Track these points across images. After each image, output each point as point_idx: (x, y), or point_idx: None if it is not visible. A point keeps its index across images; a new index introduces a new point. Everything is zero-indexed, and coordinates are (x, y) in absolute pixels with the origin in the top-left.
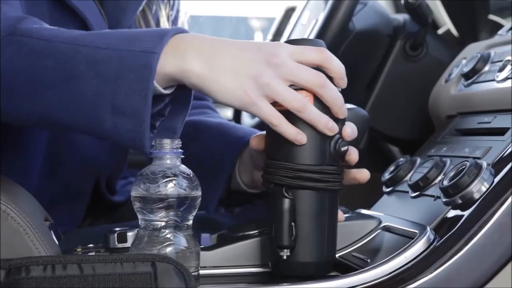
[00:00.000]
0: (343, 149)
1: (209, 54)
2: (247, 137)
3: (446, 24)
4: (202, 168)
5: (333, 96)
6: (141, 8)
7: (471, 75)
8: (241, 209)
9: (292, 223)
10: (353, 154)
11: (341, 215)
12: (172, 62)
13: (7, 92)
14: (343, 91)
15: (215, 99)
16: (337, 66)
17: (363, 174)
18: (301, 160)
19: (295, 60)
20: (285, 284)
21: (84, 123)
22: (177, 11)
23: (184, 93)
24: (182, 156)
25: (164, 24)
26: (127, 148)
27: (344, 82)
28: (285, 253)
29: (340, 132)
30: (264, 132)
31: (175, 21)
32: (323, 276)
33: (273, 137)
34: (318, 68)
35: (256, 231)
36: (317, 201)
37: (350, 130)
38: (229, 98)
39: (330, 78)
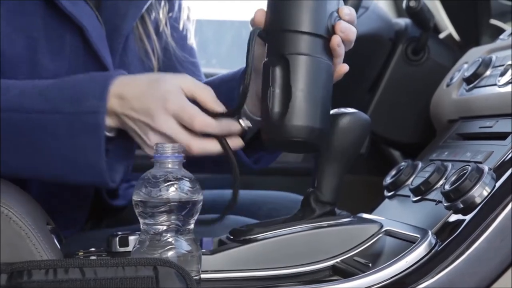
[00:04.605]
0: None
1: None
2: (239, 73)
3: (448, 28)
4: None
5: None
6: (140, 14)
7: (472, 80)
8: (260, 154)
9: (289, 88)
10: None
11: (343, 67)
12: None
13: None
14: (345, 95)
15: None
16: (203, 96)
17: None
18: (300, 27)
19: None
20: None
21: (59, 178)
22: (179, 11)
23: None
24: (184, 160)
25: (163, 29)
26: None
27: (211, 107)
28: (278, 116)
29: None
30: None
31: (176, 21)
32: (326, 280)
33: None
34: None
35: (257, 235)
36: (312, 68)
37: (348, 10)
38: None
39: None
